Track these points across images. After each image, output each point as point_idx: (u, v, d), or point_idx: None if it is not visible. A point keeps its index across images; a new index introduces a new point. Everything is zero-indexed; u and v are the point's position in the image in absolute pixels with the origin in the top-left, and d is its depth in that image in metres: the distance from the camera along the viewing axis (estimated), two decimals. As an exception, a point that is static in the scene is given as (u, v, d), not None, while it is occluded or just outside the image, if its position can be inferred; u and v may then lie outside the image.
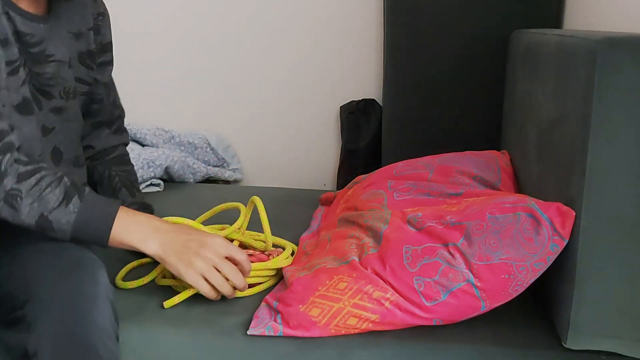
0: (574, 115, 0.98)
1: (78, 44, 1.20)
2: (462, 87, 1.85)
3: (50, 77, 1.13)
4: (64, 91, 1.16)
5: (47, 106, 1.13)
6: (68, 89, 1.17)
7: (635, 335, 0.98)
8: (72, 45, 1.18)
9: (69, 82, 1.17)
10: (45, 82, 1.12)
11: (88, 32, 1.22)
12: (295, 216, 1.59)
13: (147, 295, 1.20)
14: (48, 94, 1.13)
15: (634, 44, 0.90)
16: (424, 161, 1.44)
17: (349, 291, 1.06)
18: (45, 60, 1.12)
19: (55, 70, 1.13)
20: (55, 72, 1.14)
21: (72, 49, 1.18)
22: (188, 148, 2.13)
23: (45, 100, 1.12)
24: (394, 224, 1.18)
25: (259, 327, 1.06)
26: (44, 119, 1.12)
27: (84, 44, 1.21)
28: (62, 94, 1.15)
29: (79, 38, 1.20)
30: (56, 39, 1.14)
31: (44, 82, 1.12)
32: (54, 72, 1.13)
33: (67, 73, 1.17)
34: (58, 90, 1.15)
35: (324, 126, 2.26)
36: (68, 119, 1.18)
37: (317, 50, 2.19)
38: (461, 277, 1.03)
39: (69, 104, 1.18)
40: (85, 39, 1.21)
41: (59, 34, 1.14)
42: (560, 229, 0.99)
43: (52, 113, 1.14)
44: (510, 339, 1.04)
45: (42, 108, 1.12)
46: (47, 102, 1.13)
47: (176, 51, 2.27)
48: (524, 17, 1.75)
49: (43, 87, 1.12)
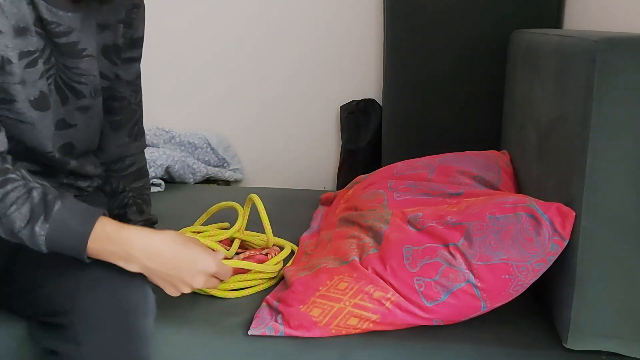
0: (574, 115, 0.98)
1: (103, 36, 1.09)
2: (462, 87, 1.85)
3: (82, 74, 1.05)
4: (94, 89, 1.09)
5: (75, 104, 1.06)
6: (97, 86, 1.10)
7: (635, 335, 0.98)
8: (99, 38, 1.09)
9: (98, 79, 1.09)
10: (75, 79, 1.04)
11: (117, 25, 1.12)
12: (295, 216, 1.59)
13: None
14: (78, 93, 1.06)
15: (634, 44, 0.90)
16: (424, 161, 1.44)
17: (350, 291, 1.06)
18: (77, 55, 1.04)
19: (88, 67, 1.06)
20: (88, 68, 1.06)
21: (99, 41, 1.09)
22: (188, 148, 2.13)
23: (74, 98, 1.06)
24: (395, 224, 1.18)
25: (259, 327, 1.06)
26: (66, 114, 1.06)
27: (109, 37, 1.11)
28: (92, 93, 1.08)
29: (105, 30, 1.09)
30: (88, 32, 1.04)
31: (74, 79, 1.04)
32: (87, 68, 1.06)
33: (97, 70, 1.09)
34: (89, 89, 1.07)
35: (324, 126, 2.27)
36: (92, 117, 1.11)
37: (317, 50, 2.19)
38: (462, 277, 1.03)
39: (96, 102, 1.11)
40: (113, 32, 1.11)
41: (90, 26, 1.05)
42: (560, 229, 0.99)
43: (78, 111, 1.07)
44: (511, 339, 1.05)
45: (67, 104, 1.05)
46: (75, 101, 1.06)
47: (176, 52, 2.27)
48: (524, 17, 1.75)
49: (72, 82, 1.04)
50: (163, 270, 0.95)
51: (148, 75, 2.28)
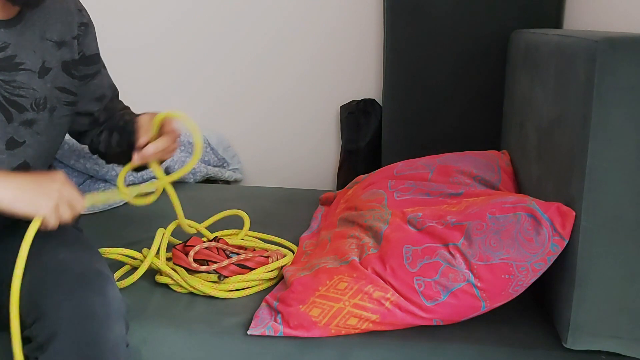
0: (574, 115, 0.98)
1: (61, 52, 1.14)
2: (462, 87, 1.85)
3: (20, 87, 1.07)
4: (35, 103, 1.09)
5: (19, 119, 1.07)
6: (39, 100, 1.10)
7: (635, 335, 0.98)
8: (53, 54, 1.12)
9: (40, 93, 1.10)
10: (14, 92, 1.06)
11: (72, 41, 1.16)
12: (295, 216, 1.59)
13: (147, 295, 1.20)
14: (19, 106, 1.07)
15: (634, 44, 0.90)
16: (424, 161, 1.44)
17: (349, 291, 1.06)
18: (13, 68, 1.05)
19: (25, 80, 1.07)
20: (26, 81, 1.07)
21: (53, 57, 1.12)
22: (188, 148, 2.13)
23: (17, 113, 1.06)
24: (394, 224, 1.18)
25: (259, 327, 1.06)
26: (14, 132, 1.07)
27: (67, 53, 1.15)
28: (33, 106, 1.09)
29: (62, 46, 1.14)
30: (27, 47, 1.07)
31: (13, 92, 1.06)
32: (24, 81, 1.07)
33: (38, 83, 1.10)
34: (30, 102, 1.08)
35: (324, 126, 2.26)
36: (39, 133, 1.11)
37: (317, 51, 2.19)
38: (461, 277, 1.03)
39: (40, 116, 1.11)
40: (69, 48, 1.16)
41: (32, 42, 1.08)
42: (560, 229, 0.99)
43: (23, 126, 1.08)
44: (510, 339, 1.04)
45: (12, 121, 1.06)
46: (18, 115, 1.07)
47: (176, 52, 2.27)
48: (524, 17, 1.75)
49: (12, 97, 1.06)
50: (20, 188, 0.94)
51: (148, 75, 2.29)
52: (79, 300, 0.94)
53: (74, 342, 0.92)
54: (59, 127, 1.17)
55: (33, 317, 0.94)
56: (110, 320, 0.95)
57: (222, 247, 1.30)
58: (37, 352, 0.93)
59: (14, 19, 1.06)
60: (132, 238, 1.40)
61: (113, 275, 1.04)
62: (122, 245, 1.34)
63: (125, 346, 0.98)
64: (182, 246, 1.28)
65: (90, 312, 0.93)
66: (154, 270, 1.26)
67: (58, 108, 1.15)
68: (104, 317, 0.94)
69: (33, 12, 1.08)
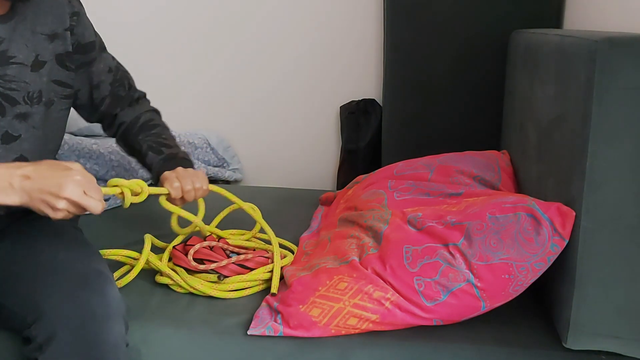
0: (574, 115, 0.98)
1: (54, 45, 1.14)
2: (462, 87, 1.85)
3: (11, 80, 1.07)
4: (28, 96, 1.09)
5: (12, 113, 1.07)
6: (32, 94, 1.10)
7: (635, 335, 0.98)
8: (46, 47, 1.13)
9: (33, 86, 1.10)
10: (6, 86, 1.06)
11: (65, 33, 1.16)
12: (295, 216, 1.59)
13: (147, 295, 1.20)
14: (11, 99, 1.07)
15: (634, 44, 0.90)
16: (424, 161, 1.44)
17: (349, 291, 1.06)
18: (4, 62, 1.06)
19: (17, 73, 1.08)
20: (17, 75, 1.08)
21: (46, 50, 1.13)
22: (188, 148, 2.13)
23: (9, 107, 1.07)
24: (394, 224, 1.18)
25: (259, 327, 1.06)
26: (8, 126, 1.07)
27: (60, 46, 1.16)
28: (26, 99, 1.09)
29: (55, 39, 1.14)
30: (19, 41, 1.08)
31: (5, 86, 1.06)
32: (15, 74, 1.07)
33: (31, 77, 1.10)
34: (22, 95, 1.09)
35: (324, 126, 2.26)
36: (35, 127, 1.11)
37: (317, 50, 2.19)
38: (461, 277, 1.03)
39: (35, 110, 1.11)
40: (62, 40, 1.16)
41: (23, 36, 1.09)
42: (560, 229, 0.99)
43: (17, 120, 1.08)
44: (510, 339, 1.04)
45: (5, 114, 1.06)
46: (10, 109, 1.07)
47: (176, 51, 2.27)
48: (524, 17, 1.75)
49: (5, 90, 1.06)
50: (30, 184, 0.90)
51: (148, 75, 2.28)
52: (79, 301, 0.94)
53: (74, 342, 0.92)
54: (57, 120, 1.17)
55: (33, 317, 0.94)
56: (110, 320, 0.95)
57: (222, 247, 1.30)
58: (37, 352, 0.93)
59: (7, 14, 1.06)
60: (132, 238, 1.40)
61: (113, 276, 1.04)
62: (122, 246, 1.34)
63: (125, 346, 0.98)
64: (182, 246, 1.28)
65: (90, 312, 0.93)
66: (154, 271, 1.26)
67: (55, 102, 1.15)
68: (103, 317, 0.94)
69: (24, 7, 1.09)
